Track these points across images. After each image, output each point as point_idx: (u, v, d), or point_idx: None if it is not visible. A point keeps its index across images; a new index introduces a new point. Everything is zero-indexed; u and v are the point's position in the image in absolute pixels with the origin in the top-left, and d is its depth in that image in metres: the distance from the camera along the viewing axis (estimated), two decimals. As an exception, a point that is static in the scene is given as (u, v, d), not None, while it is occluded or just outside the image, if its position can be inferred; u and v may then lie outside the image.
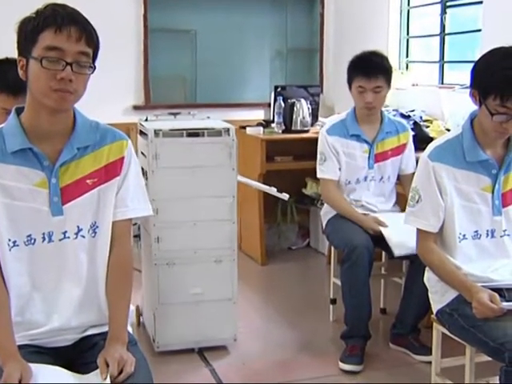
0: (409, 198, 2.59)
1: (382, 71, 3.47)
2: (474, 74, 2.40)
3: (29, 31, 1.80)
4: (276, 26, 6.20)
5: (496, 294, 2.31)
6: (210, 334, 3.41)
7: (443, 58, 5.07)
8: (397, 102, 4.83)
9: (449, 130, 4.22)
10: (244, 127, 4.92)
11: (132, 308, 2.07)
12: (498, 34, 3.93)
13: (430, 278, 2.62)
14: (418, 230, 2.56)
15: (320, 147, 3.63)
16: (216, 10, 5.88)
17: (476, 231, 2.49)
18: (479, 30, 4.44)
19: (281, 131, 4.99)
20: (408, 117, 4.53)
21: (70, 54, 1.78)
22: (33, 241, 1.89)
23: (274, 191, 3.90)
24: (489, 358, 2.38)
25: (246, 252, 5.01)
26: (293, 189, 4.33)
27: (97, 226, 1.95)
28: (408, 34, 5.51)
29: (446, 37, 5.04)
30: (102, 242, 1.96)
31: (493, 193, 2.48)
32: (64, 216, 1.90)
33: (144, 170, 3.30)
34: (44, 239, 1.90)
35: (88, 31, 1.81)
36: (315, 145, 3.68)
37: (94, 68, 1.85)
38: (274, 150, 4.88)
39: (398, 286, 3.74)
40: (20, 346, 1.84)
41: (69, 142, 1.90)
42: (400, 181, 3.70)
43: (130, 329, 2.02)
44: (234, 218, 3.37)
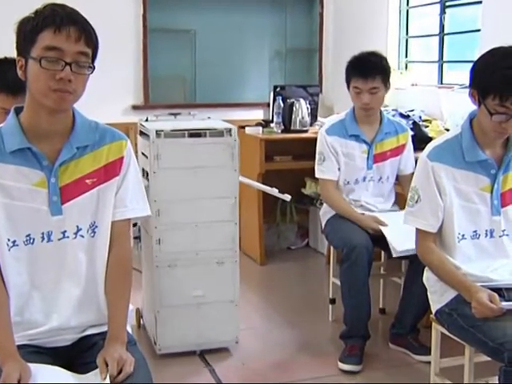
0: (408, 197, 2.59)
1: (379, 72, 3.44)
2: (474, 73, 2.40)
3: (28, 31, 1.80)
4: (275, 26, 6.20)
5: (495, 294, 2.31)
6: (211, 337, 3.38)
7: (442, 58, 5.07)
8: (396, 101, 4.83)
9: (448, 129, 4.22)
10: (243, 127, 4.92)
11: (131, 308, 2.06)
12: (497, 34, 3.93)
13: (429, 278, 2.62)
14: (417, 230, 2.56)
15: (319, 147, 3.63)
16: (215, 10, 5.88)
17: (475, 231, 2.49)
18: (478, 30, 4.44)
19: (280, 131, 5.00)
20: (407, 117, 4.53)
21: (70, 54, 1.78)
22: (32, 240, 1.89)
23: (275, 192, 3.90)
24: (488, 358, 2.38)
25: (245, 252, 5.00)
26: (292, 189, 4.32)
27: (96, 226, 1.95)
28: (407, 33, 5.50)
29: (446, 37, 5.04)
30: (101, 241, 1.96)
31: (492, 193, 2.47)
32: (63, 216, 1.90)
33: (145, 170, 3.29)
34: (43, 239, 1.89)
35: (87, 31, 1.81)
36: (314, 145, 3.67)
37: (93, 68, 1.85)
38: (273, 149, 4.88)
39: (398, 286, 3.74)
40: (19, 346, 1.84)
41: (68, 142, 1.90)
42: (399, 181, 3.70)
43: (129, 329, 2.02)
44: (236, 218, 3.35)
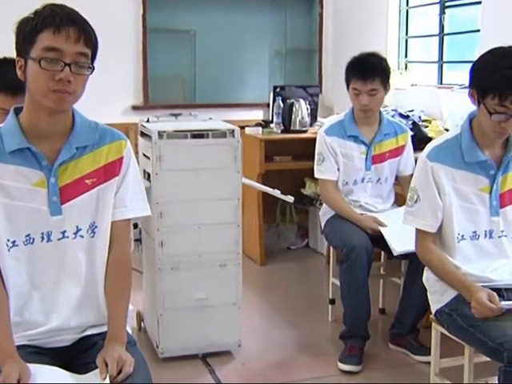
0: (407, 198, 2.59)
1: (378, 74, 3.43)
2: (473, 73, 2.40)
3: (27, 32, 1.79)
4: (275, 27, 6.20)
5: (495, 294, 2.31)
6: (214, 340, 3.35)
7: (442, 58, 5.07)
8: (396, 102, 4.83)
9: (447, 130, 4.22)
10: (243, 127, 4.91)
11: (131, 308, 2.06)
12: (496, 34, 3.93)
13: (428, 278, 2.62)
14: (417, 230, 2.56)
15: (318, 147, 3.62)
16: (215, 10, 5.88)
17: (474, 232, 2.48)
18: (478, 31, 4.44)
19: (280, 131, 5.00)
20: (407, 117, 4.53)
21: (69, 55, 1.77)
22: (32, 240, 1.89)
23: (278, 193, 3.89)
24: (487, 359, 2.38)
25: (245, 252, 4.97)
26: (292, 189, 4.32)
27: (96, 226, 1.95)
28: (407, 34, 5.51)
29: (445, 37, 5.05)
30: (100, 241, 1.96)
31: (491, 193, 2.47)
32: (63, 216, 1.90)
33: (146, 172, 3.28)
34: (43, 239, 1.89)
35: (87, 32, 1.80)
36: (314, 145, 3.67)
37: (92, 68, 1.85)
38: (272, 149, 4.88)
39: (397, 286, 3.74)
40: (19, 347, 1.84)
41: (68, 142, 1.90)
42: (398, 181, 3.70)
43: (129, 329, 2.02)
44: (239, 220, 3.31)
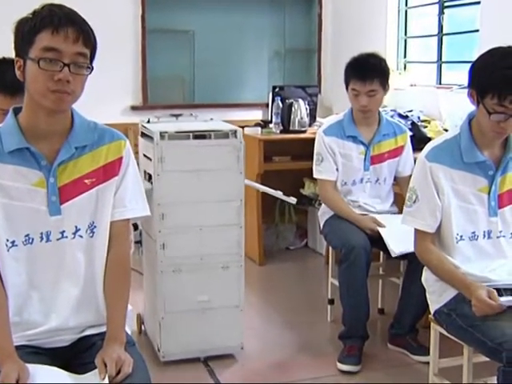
0: (406, 198, 2.59)
1: (377, 74, 3.43)
2: (472, 73, 2.40)
3: (26, 32, 1.79)
4: (274, 27, 6.20)
5: (494, 291, 2.31)
6: (216, 343, 3.32)
7: (441, 59, 5.08)
8: (395, 102, 4.83)
9: (447, 130, 4.22)
10: (242, 127, 4.89)
11: (130, 308, 2.06)
12: (495, 34, 3.94)
13: (427, 278, 2.62)
14: (416, 230, 2.56)
15: (317, 148, 3.62)
16: (214, 10, 5.88)
17: (473, 232, 2.48)
18: (477, 31, 4.44)
19: (279, 131, 5.00)
20: (406, 117, 4.53)
21: (68, 55, 1.77)
22: (31, 240, 1.89)
23: (280, 195, 3.87)
24: (486, 359, 2.38)
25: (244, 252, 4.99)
26: (291, 189, 4.32)
27: (95, 226, 1.95)
28: (406, 34, 5.51)
29: (444, 37, 5.05)
30: (99, 242, 1.96)
31: (489, 194, 2.47)
32: (62, 215, 1.90)
33: (147, 172, 3.26)
34: (42, 239, 1.89)
35: (85, 32, 1.80)
36: (313, 145, 3.66)
37: (91, 68, 1.84)
38: (271, 150, 4.88)
39: (396, 287, 3.74)
40: (17, 347, 1.84)
41: (67, 142, 1.90)
42: (397, 182, 3.69)
43: (128, 330, 2.02)
44: (242, 222, 3.28)
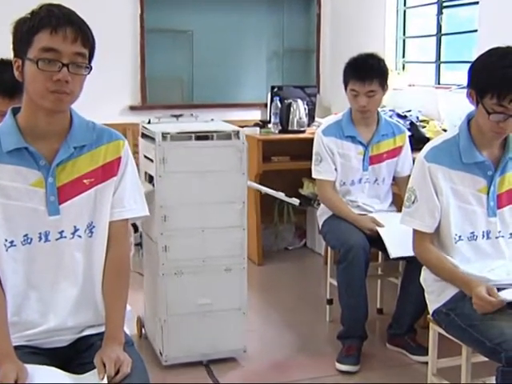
0: (405, 198, 2.59)
1: (376, 75, 3.43)
2: (472, 73, 2.40)
3: (24, 32, 1.79)
4: (273, 27, 6.19)
5: (494, 287, 2.32)
6: (218, 346, 3.29)
7: (439, 59, 5.07)
8: (393, 102, 4.83)
9: (445, 130, 4.22)
10: (241, 127, 4.90)
11: (129, 308, 2.06)
12: (494, 35, 3.94)
13: (426, 278, 2.62)
14: (414, 231, 2.56)
15: (315, 148, 3.62)
16: (213, 10, 5.87)
17: (472, 232, 2.48)
18: (475, 31, 4.44)
19: (277, 131, 5.01)
20: (404, 117, 4.53)
21: (66, 55, 1.77)
22: (29, 240, 1.89)
23: (283, 196, 3.86)
24: (485, 359, 2.38)
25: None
26: (289, 189, 4.32)
27: (93, 226, 1.95)
28: (404, 34, 5.50)
29: (443, 37, 5.04)
30: (98, 242, 1.96)
31: (488, 194, 2.48)
32: (60, 215, 1.90)
33: (147, 174, 3.24)
34: (40, 239, 1.89)
35: (84, 32, 1.80)
36: (312, 145, 3.66)
37: (90, 68, 1.84)
38: (270, 150, 4.88)
39: (395, 287, 3.74)
40: (16, 347, 1.84)
41: (65, 142, 1.90)
42: (396, 182, 3.70)
43: (126, 330, 2.02)
44: (244, 224, 3.25)
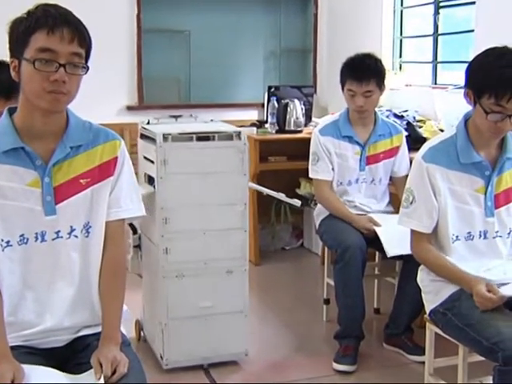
0: (403, 199, 2.59)
1: (373, 75, 3.43)
2: (469, 73, 2.40)
3: (20, 32, 1.79)
4: (269, 27, 6.19)
5: (493, 284, 2.32)
6: (220, 349, 3.25)
7: (436, 59, 5.08)
8: (390, 102, 4.83)
9: (442, 130, 4.22)
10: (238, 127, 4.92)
11: (125, 308, 2.06)
12: (490, 35, 3.94)
13: (423, 278, 2.62)
14: (412, 231, 2.56)
15: (312, 147, 3.62)
16: (210, 10, 5.87)
17: (469, 232, 2.49)
18: (472, 31, 4.44)
19: (274, 131, 5.01)
20: (401, 117, 4.53)
21: (63, 56, 1.77)
22: (26, 240, 1.88)
23: (283, 197, 3.86)
24: (482, 358, 2.38)
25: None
26: (286, 189, 4.31)
27: (90, 226, 1.95)
28: (401, 34, 5.51)
29: (439, 37, 5.04)
30: (95, 242, 1.96)
31: (485, 194, 2.48)
32: (57, 215, 1.89)
33: (147, 175, 3.23)
34: (37, 239, 1.89)
35: (80, 32, 1.80)
36: (309, 145, 3.66)
37: (87, 68, 1.84)
38: (267, 150, 4.88)
39: (392, 286, 3.74)
40: (12, 347, 1.83)
41: (62, 142, 1.89)
42: (393, 182, 3.70)
43: (123, 329, 2.02)
44: (246, 226, 3.22)
